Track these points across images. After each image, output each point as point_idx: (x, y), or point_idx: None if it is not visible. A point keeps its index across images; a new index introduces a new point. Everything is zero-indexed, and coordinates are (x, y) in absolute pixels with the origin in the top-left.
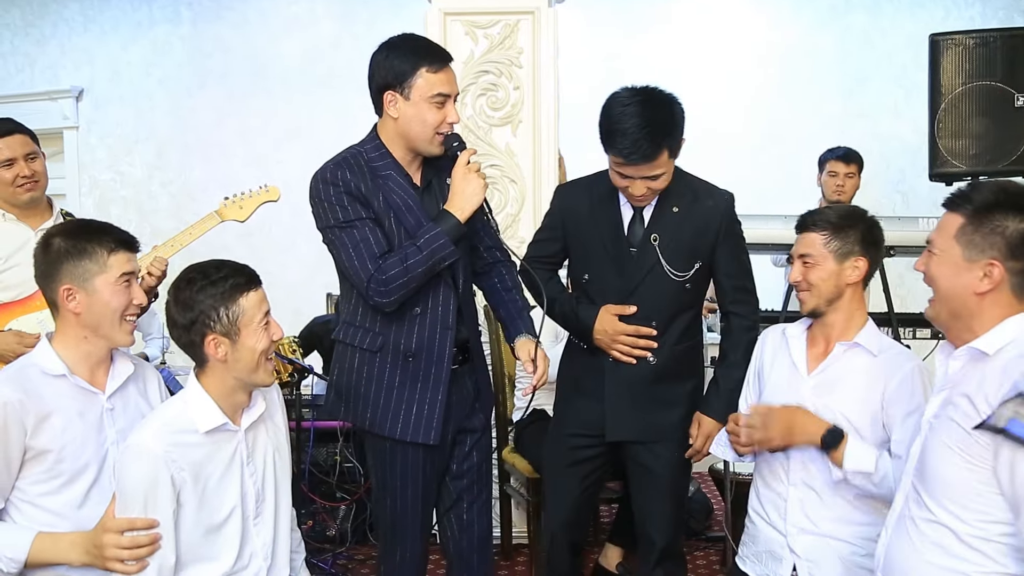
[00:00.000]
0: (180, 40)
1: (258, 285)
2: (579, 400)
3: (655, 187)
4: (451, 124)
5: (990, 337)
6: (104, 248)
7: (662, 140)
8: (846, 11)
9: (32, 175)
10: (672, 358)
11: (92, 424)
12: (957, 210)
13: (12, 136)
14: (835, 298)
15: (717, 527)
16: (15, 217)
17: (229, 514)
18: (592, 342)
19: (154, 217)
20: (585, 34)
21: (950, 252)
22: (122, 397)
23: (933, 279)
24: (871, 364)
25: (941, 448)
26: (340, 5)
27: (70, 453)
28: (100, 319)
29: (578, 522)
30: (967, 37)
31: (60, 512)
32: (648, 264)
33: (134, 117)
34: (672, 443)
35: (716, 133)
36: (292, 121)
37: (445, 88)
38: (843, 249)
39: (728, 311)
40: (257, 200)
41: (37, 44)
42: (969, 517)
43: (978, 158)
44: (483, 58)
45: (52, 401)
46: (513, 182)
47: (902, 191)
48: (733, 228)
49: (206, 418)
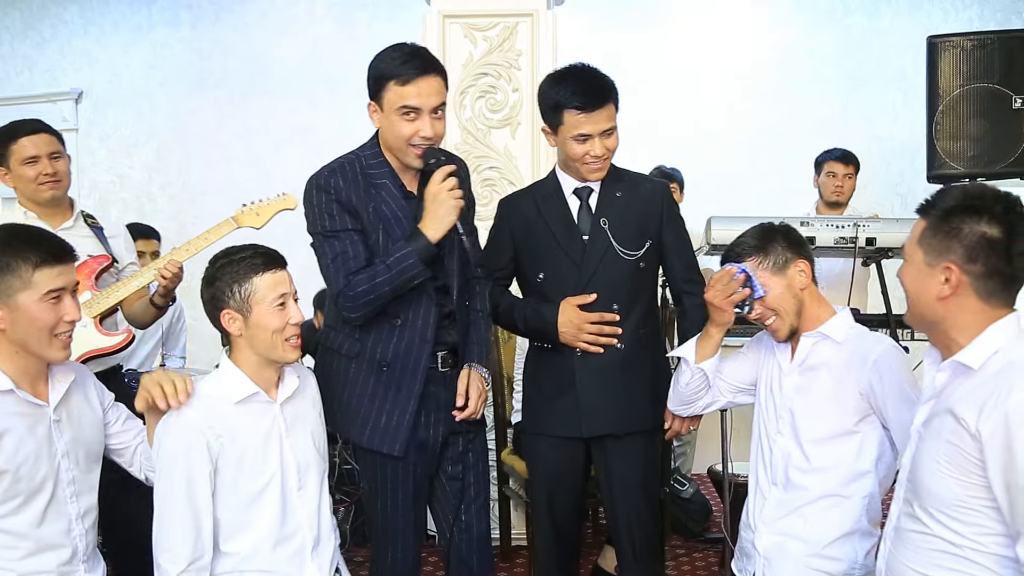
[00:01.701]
0: (180, 42)
1: (276, 267)
2: (553, 402)
3: (610, 145)
4: (424, 137)
5: (974, 351)
6: (28, 263)
7: (609, 86)
8: (845, 13)
9: (55, 174)
10: (637, 343)
11: (42, 439)
12: (924, 215)
13: (38, 134)
14: (799, 309)
15: (716, 528)
16: (36, 215)
17: (268, 483)
18: (557, 339)
19: (154, 219)
20: (584, 36)
21: (914, 257)
22: (67, 407)
23: (903, 285)
24: (838, 351)
25: (930, 462)
26: (339, 7)
27: (26, 472)
28: (26, 336)
29: (573, 527)
30: (965, 39)
31: (20, 532)
32: (602, 248)
33: (134, 119)
34: (643, 437)
35: (714, 134)
36: (291, 123)
37: (413, 101)
38: (778, 262)
39: (681, 291)
40: (274, 208)
41: (37, 46)
42: (963, 529)
43: (976, 160)
44: (482, 60)
45: (2, 420)
46: (512, 184)
47: (901, 193)
48: (674, 209)
49: (238, 388)
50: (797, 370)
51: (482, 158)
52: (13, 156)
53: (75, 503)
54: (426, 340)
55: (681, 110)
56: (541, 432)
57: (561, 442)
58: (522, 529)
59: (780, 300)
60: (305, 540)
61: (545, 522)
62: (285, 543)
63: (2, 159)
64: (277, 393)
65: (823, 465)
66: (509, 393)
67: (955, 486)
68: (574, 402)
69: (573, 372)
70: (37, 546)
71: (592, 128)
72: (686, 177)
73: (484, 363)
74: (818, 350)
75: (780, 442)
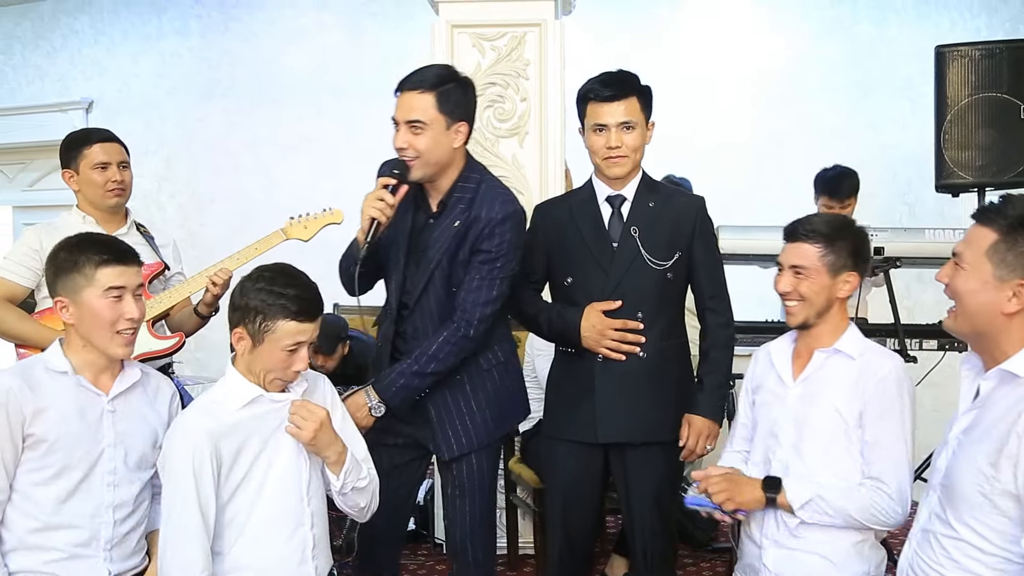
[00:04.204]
0: (189, 51)
1: (306, 319)
2: (571, 408)
3: (630, 143)
4: (397, 148)
5: (1022, 358)
6: (91, 262)
7: (634, 81)
8: (852, 22)
9: (121, 182)
10: (661, 354)
11: (91, 423)
12: (990, 225)
13: (111, 143)
14: (825, 311)
15: (723, 538)
16: (95, 220)
17: (282, 483)
18: (580, 343)
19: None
20: (592, 46)
21: (979, 268)
22: (126, 401)
23: (958, 293)
24: (851, 368)
25: (969, 470)
26: (347, 16)
27: (63, 446)
28: (91, 330)
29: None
30: (973, 49)
31: (43, 504)
32: (630, 256)
33: (143, 128)
34: (661, 449)
35: (722, 143)
36: (299, 131)
37: (394, 114)
38: (837, 263)
39: (705, 307)
40: (322, 221)
41: (47, 56)
42: (993, 536)
43: (984, 169)
44: (490, 70)
45: (52, 395)
46: (520, 193)
47: (908, 202)
48: (707, 226)
49: (242, 393)
50: (803, 384)
51: (490, 167)
52: (84, 160)
53: (111, 491)
54: (386, 354)
55: (688, 119)
56: (559, 437)
57: (579, 449)
58: (529, 538)
59: (816, 294)
60: (306, 541)
61: (559, 531)
62: (287, 544)
63: (72, 161)
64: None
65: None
66: None
67: (992, 494)
68: (591, 407)
69: (593, 377)
70: (54, 522)
71: (609, 118)
72: (694, 186)
73: (382, 393)
74: (829, 364)
75: (780, 454)
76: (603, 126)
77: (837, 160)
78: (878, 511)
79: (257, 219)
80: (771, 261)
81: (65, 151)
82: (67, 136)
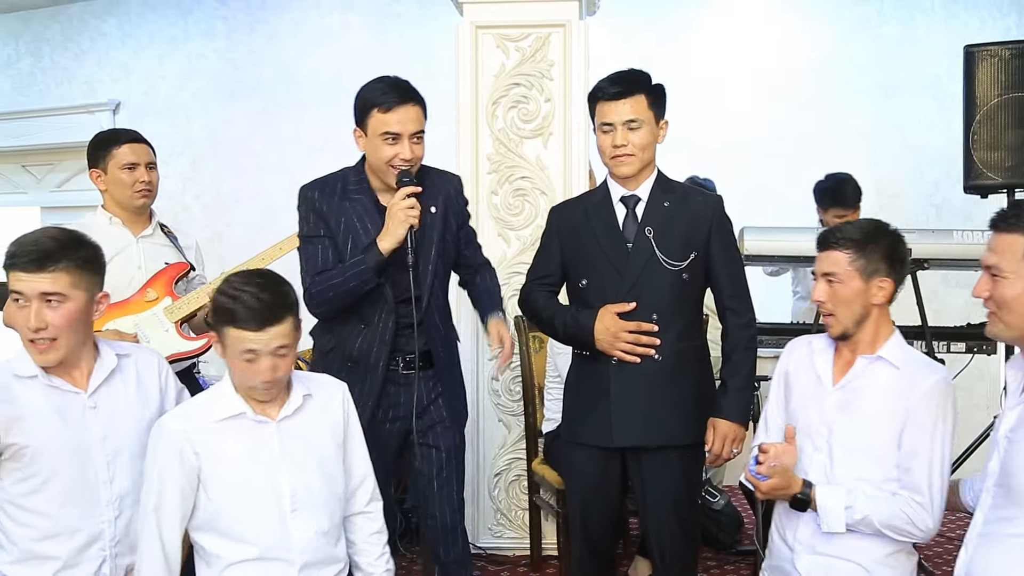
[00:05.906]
0: (214, 52)
1: (252, 326)
2: (587, 411)
3: (636, 141)
4: (403, 159)
5: None
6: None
7: (641, 79)
8: (879, 21)
9: (148, 183)
10: (677, 356)
11: (72, 423)
12: (1016, 230)
13: (139, 144)
14: (863, 319)
15: (747, 541)
16: (120, 221)
17: (258, 502)
18: (594, 346)
19: (187, 228)
20: (617, 46)
21: (1022, 273)
22: (108, 392)
23: (1005, 302)
24: (895, 377)
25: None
26: (372, 17)
27: (47, 450)
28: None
29: (607, 539)
30: (1003, 48)
31: (42, 511)
32: (644, 256)
33: (169, 129)
34: (678, 453)
35: (746, 143)
36: (323, 132)
37: (394, 128)
38: (868, 268)
39: (726, 307)
40: None
41: (75, 58)
42: None
43: (1014, 170)
44: (514, 71)
45: (24, 401)
46: (544, 194)
47: (935, 203)
48: (724, 224)
49: (225, 406)
50: (842, 391)
51: (514, 168)
52: (113, 160)
53: (108, 488)
54: (384, 343)
55: (714, 119)
56: (575, 441)
57: (596, 453)
58: (552, 539)
59: (850, 301)
60: (292, 564)
61: (579, 534)
62: (269, 564)
63: (100, 161)
64: (278, 412)
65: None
66: (540, 402)
67: None
68: (607, 411)
69: (608, 381)
70: (54, 528)
71: (615, 117)
72: (719, 187)
73: (501, 309)
74: (870, 371)
75: (817, 459)
76: (610, 125)
77: (863, 161)
78: (910, 523)
79: (281, 219)
80: (796, 262)
81: (93, 151)
82: (95, 136)
